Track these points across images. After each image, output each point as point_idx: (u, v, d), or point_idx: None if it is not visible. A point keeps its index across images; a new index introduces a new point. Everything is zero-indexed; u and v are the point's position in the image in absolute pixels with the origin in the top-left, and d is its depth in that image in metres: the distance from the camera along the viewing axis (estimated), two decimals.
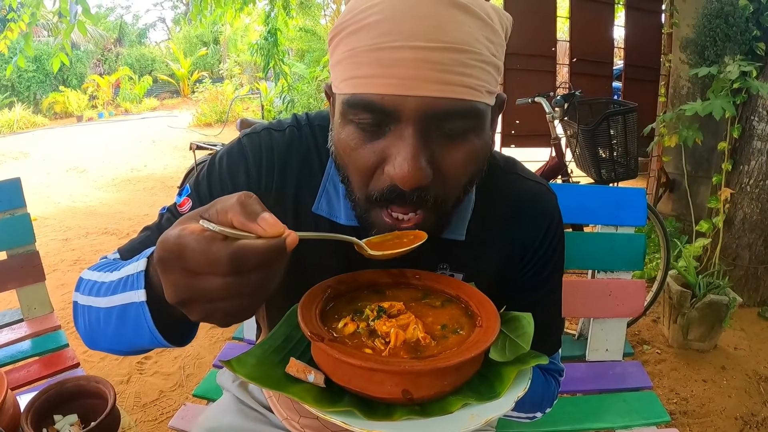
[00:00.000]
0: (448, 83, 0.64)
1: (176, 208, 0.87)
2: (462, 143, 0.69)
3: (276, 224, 0.50)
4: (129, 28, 20.45)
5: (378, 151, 0.69)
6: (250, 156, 0.85)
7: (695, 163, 3.66)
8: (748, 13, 3.08)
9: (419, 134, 0.66)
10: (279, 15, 7.07)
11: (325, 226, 0.85)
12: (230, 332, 2.94)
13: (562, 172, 2.91)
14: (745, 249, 3.24)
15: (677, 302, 2.79)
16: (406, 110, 0.64)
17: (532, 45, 3.56)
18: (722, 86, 3.02)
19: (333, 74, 0.73)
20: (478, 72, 0.66)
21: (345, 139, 0.71)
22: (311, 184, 0.86)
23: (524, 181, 0.93)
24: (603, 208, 1.59)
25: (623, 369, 1.64)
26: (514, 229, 0.90)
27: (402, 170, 0.65)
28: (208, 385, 1.50)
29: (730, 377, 2.62)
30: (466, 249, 0.88)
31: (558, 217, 0.94)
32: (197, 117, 12.36)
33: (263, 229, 0.49)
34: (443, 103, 0.65)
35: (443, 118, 0.66)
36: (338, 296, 0.75)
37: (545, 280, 0.94)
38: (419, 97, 0.64)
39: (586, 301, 1.58)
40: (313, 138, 0.88)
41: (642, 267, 1.60)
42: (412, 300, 0.76)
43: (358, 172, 0.71)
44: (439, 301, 0.77)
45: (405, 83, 0.63)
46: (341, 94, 0.70)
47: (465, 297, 0.75)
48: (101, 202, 6.23)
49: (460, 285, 0.79)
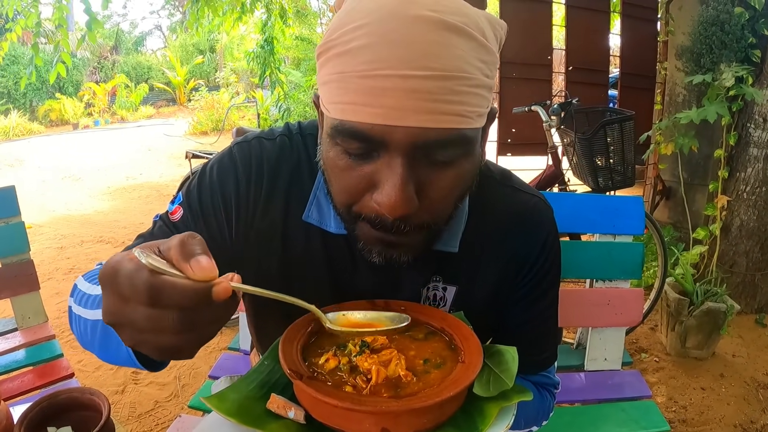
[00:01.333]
0: (438, 112, 0.63)
1: (168, 217, 0.86)
2: (450, 169, 0.69)
3: (206, 269, 0.50)
4: (125, 36, 20.46)
5: (366, 176, 0.68)
6: (240, 165, 0.85)
7: (691, 171, 3.66)
8: (744, 21, 3.09)
9: (407, 163, 0.65)
10: (276, 23, 7.08)
11: (315, 234, 0.85)
12: (226, 342, 2.92)
13: (559, 180, 2.91)
14: (742, 256, 3.24)
15: (675, 310, 2.79)
16: (394, 140, 0.64)
17: (528, 53, 3.57)
18: (717, 93, 3.03)
19: (321, 91, 0.72)
20: (469, 98, 0.65)
21: (333, 158, 0.70)
22: (301, 194, 0.85)
23: (519, 194, 0.92)
24: (601, 216, 1.58)
25: (621, 378, 1.63)
26: (509, 242, 0.89)
27: (390, 199, 0.65)
28: (203, 395, 1.48)
29: (729, 385, 2.61)
30: (460, 261, 0.87)
31: (554, 231, 0.92)
32: (193, 125, 12.34)
33: (192, 271, 0.50)
34: (432, 134, 0.63)
35: (432, 148, 0.65)
36: (322, 329, 0.74)
37: (541, 296, 0.93)
38: (407, 127, 0.62)
39: (585, 311, 1.58)
40: (305, 147, 0.88)
41: (640, 276, 1.60)
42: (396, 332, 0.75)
43: (346, 192, 0.71)
44: (422, 333, 0.76)
45: (393, 113, 0.62)
46: (329, 117, 0.69)
47: (449, 330, 0.75)
48: (96, 211, 6.20)
49: (444, 317, 0.78)
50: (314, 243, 0.85)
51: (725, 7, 3.15)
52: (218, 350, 2.91)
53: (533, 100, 2.97)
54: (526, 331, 0.94)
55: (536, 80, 3.61)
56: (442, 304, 0.88)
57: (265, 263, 0.87)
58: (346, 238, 0.84)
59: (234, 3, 5.89)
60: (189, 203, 0.85)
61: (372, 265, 0.80)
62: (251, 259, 0.87)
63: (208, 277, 0.50)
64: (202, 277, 0.50)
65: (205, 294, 0.49)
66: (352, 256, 0.85)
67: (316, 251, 0.86)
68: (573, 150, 2.88)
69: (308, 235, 0.85)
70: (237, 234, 0.85)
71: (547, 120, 2.85)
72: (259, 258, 0.87)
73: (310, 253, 0.86)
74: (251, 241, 0.86)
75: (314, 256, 0.86)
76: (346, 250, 0.85)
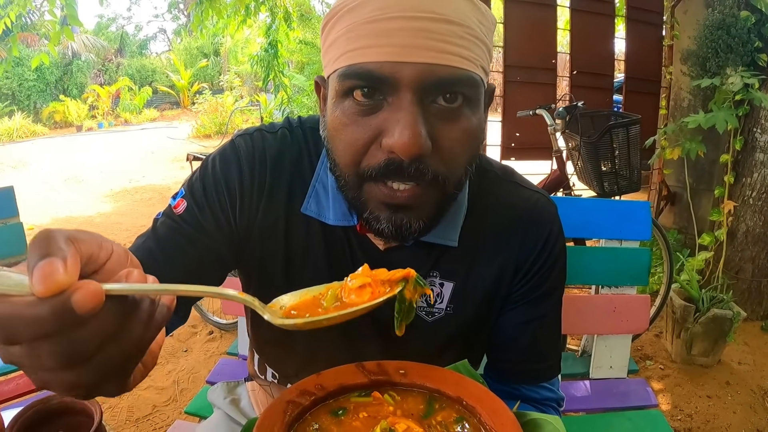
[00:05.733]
0: (445, 52, 0.64)
1: (171, 211, 0.85)
2: (458, 120, 0.69)
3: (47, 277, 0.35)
4: (130, 39, 20.57)
5: (374, 125, 0.67)
6: (243, 157, 0.85)
7: (696, 176, 3.63)
8: (750, 24, 3.07)
9: (418, 102, 0.65)
10: (280, 27, 7.07)
11: (314, 225, 0.84)
12: (225, 347, 2.91)
13: (563, 185, 2.88)
14: (748, 262, 3.21)
15: (680, 317, 2.75)
16: (404, 78, 0.64)
17: (532, 57, 3.55)
18: (725, 98, 3.00)
19: (326, 59, 0.72)
20: (472, 46, 0.67)
21: (339, 116, 0.70)
22: (302, 186, 0.85)
23: (521, 190, 0.89)
24: (607, 221, 1.55)
25: (627, 387, 1.59)
26: (510, 239, 0.86)
27: (403, 138, 0.63)
28: (200, 402, 1.45)
29: (735, 393, 2.57)
30: (458, 257, 0.85)
31: (558, 229, 0.89)
32: (197, 128, 12.37)
33: (32, 285, 0.36)
34: (441, 71, 0.65)
35: (441, 87, 0.66)
36: (303, 413, 0.60)
37: (542, 297, 0.89)
38: (416, 63, 0.64)
39: (590, 318, 1.54)
40: (305, 140, 0.88)
41: (647, 282, 1.57)
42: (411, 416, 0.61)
43: (351, 149, 0.69)
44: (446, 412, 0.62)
45: (402, 50, 0.63)
46: (336, 69, 0.69)
47: (469, 400, 0.62)
48: (99, 213, 6.20)
49: (459, 381, 0.65)
50: (314, 236, 0.84)
51: (731, 10, 3.13)
52: (218, 354, 2.89)
53: (537, 104, 2.94)
54: (526, 334, 0.89)
55: (540, 84, 3.58)
56: (439, 300, 0.86)
57: (268, 256, 0.86)
58: (345, 230, 0.83)
59: (238, 5, 5.88)
60: (193, 195, 0.84)
61: (368, 258, 0.79)
62: (254, 251, 0.86)
63: (53, 287, 0.35)
64: (44, 290, 0.35)
65: (60, 312, 0.36)
66: (351, 249, 0.84)
67: (315, 245, 0.85)
68: (578, 154, 2.85)
69: (308, 229, 0.84)
70: (241, 222, 0.85)
71: (552, 123, 2.82)
72: (262, 251, 0.86)
73: (310, 247, 0.85)
74: (254, 234, 0.85)
75: (314, 249, 0.85)
76: (345, 243, 0.84)
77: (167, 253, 0.81)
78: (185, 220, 0.82)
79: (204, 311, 3.07)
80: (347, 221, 0.81)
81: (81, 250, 0.40)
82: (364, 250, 0.84)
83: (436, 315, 0.86)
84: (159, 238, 0.82)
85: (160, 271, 0.77)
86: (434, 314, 0.86)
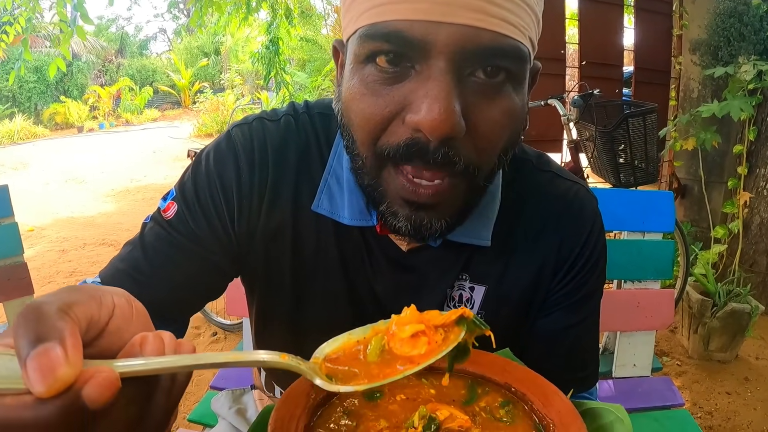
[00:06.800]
0: (489, 14, 0.52)
1: (161, 215, 0.74)
2: (500, 97, 0.57)
3: (47, 372, 0.29)
4: (130, 39, 20.53)
5: (397, 97, 0.55)
6: (240, 149, 0.73)
7: (708, 168, 3.55)
8: (762, 12, 3.00)
9: (453, 72, 0.53)
10: (281, 24, 7.02)
11: (326, 225, 0.73)
12: (230, 348, 2.84)
13: (579, 176, 2.80)
14: (763, 255, 3.14)
15: (698, 311, 2.68)
16: (439, 42, 0.52)
17: (542, 48, 3.40)
18: (740, 86, 2.92)
19: (347, 18, 0.60)
20: (521, 12, 0.55)
21: (356, 84, 0.58)
22: (311, 180, 0.73)
23: (561, 181, 0.79)
24: (629, 213, 1.48)
25: (651, 385, 1.53)
26: (548, 235, 0.76)
27: (431, 113, 0.52)
28: (203, 409, 1.38)
29: (754, 389, 2.50)
30: (491, 258, 0.74)
31: (599, 225, 0.79)
32: (198, 127, 12.34)
33: (30, 383, 0.29)
34: (482, 36, 0.53)
35: (482, 56, 0.54)
36: (330, 396, 0.53)
37: (582, 300, 0.79)
38: (455, 25, 0.52)
39: (613, 314, 1.47)
40: (313, 127, 0.76)
41: (671, 275, 1.50)
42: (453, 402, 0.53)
43: (369, 123, 0.58)
44: (500, 400, 0.55)
45: (438, 8, 0.51)
46: (358, 29, 0.57)
47: (519, 386, 0.55)
48: (100, 213, 6.15)
49: (505, 365, 0.57)
50: (326, 238, 0.74)
51: None
52: None
53: (546, 95, 2.86)
54: (566, 341, 0.79)
55: (550, 75, 3.51)
56: (469, 305, 0.76)
57: (274, 263, 0.76)
58: (361, 230, 0.72)
59: (239, 2, 5.82)
60: (184, 196, 0.73)
61: (389, 261, 0.71)
62: (259, 257, 0.76)
63: (56, 384, 0.29)
64: (46, 390, 0.29)
65: (70, 412, 0.29)
66: (369, 251, 0.74)
67: (328, 247, 0.74)
68: (592, 145, 2.77)
69: (319, 229, 0.74)
70: (241, 228, 0.74)
71: (566, 114, 2.74)
72: (268, 257, 0.75)
73: (322, 250, 0.74)
74: (258, 237, 0.74)
75: (327, 252, 0.74)
76: (362, 245, 0.74)
77: (155, 265, 0.71)
78: (175, 228, 0.72)
79: (207, 312, 3.00)
80: (365, 221, 0.71)
81: (79, 319, 0.33)
82: (385, 252, 0.73)
83: None
84: (146, 247, 0.72)
85: (148, 286, 0.69)
86: None
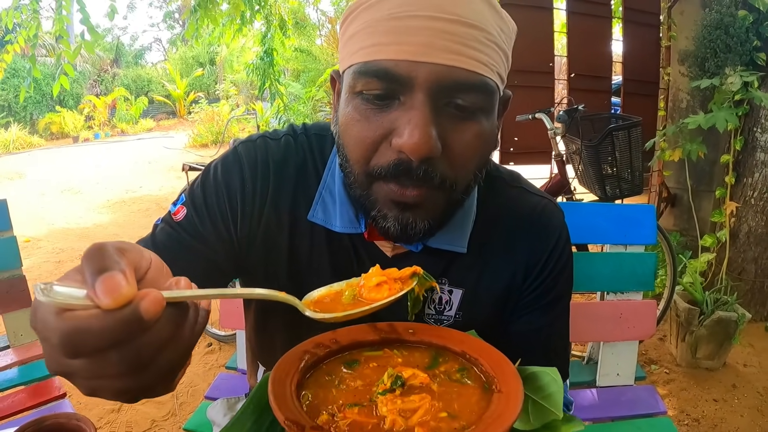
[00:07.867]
0: (462, 54, 0.64)
1: (171, 217, 0.83)
2: (471, 123, 0.68)
3: (115, 291, 0.38)
4: (126, 49, 20.56)
5: (385, 124, 0.67)
6: (245, 162, 0.83)
7: (697, 177, 3.61)
8: (748, 23, 3.05)
9: (431, 103, 0.64)
10: (275, 35, 7.06)
11: (319, 233, 0.83)
12: (224, 359, 2.87)
13: (565, 189, 2.85)
14: (751, 263, 3.19)
15: (685, 320, 2.72)
16: (419, 78, 0.63)
17: (530, 61, 3.52)
18: (724, 98, 2.98)
19: (343, 53, 0.72)
20: (491, 52, 0.66)
21: (351, 112, 0.69)
22: (307, 193, 0.84)
23: (529, 196, 0.90)
24: (611, 226, 1.53)
25: (635, 394, 1.57)
26: (518, 244, 0.86)
27: (412, 138, 0.63)
28: (199, 418, 1.42)
29: (742, 396, 2.54)
30: (467, 263, 0.84)
31: (565, 235, 0.89)
32: (193, 138, 12.34)
33: (98, 298, 0.38)
34: (456, 74, 0.64)
35: (455, 90, 0.65)
36: (318, 363, 0.63)
37: (552, 303, 0.89)
38: (432, 64, 0.63)
39: (596, 325, 1.51)
40: (309, 147, 0.87)
41: (653, 287, 1.54)
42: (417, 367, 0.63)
43: (362, 146, 0.69)
44: (457, 366, 0.65)
45: (420, 49, 0.63)
46: (352, 65, 0.68)
47: (473, 353, 0.64)
48: (95, 224, 6.16)
49: (464, 338, 0.68)
50: (319, 245, 0.83)
51: (729, 10, 3.11)
52: (217, 367, 2.85)
53: (535, 108, 2.92)
54: (536, 341, 0.89)
55: (538, 88, 3.55)
56: (448, 307, 0.85)
57: (272, 268, 0.85)
58: (351, 238, 0.82)
59: (233, 14, 5.87)
60: (193, 202, 0.83)
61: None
62: (257, 261, 0.85)
63: (120, 299, 0.38)
64: (113, 303, 0.38)
65: (129, 321, 0.38)
66: (358, 257, 0.83)
67: (320, 252, 0.83)
68: (579, 158, 2.83)
69: (313, 237, 0.83)
70: (242, 232, 0.83)
71: (552, 128, 2.79)
72: (266, 260, 0.84)
73: (315, 255, 0.83)
74: (257, 243, 0.84)
75: (319, 257, 0.83)
76: (351, 251, 0.83)
77: (164, 260, 0.77)
78: (184, 228, 0.81)
79: None
80: (354, 228, 0.80)
81: (129, 260, 0.42)
82: (372, 257, 0.82)
83: (444, 322, 0.86)
84: (157, 244, 0.81)
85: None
86: (443, 321, 0.85)
